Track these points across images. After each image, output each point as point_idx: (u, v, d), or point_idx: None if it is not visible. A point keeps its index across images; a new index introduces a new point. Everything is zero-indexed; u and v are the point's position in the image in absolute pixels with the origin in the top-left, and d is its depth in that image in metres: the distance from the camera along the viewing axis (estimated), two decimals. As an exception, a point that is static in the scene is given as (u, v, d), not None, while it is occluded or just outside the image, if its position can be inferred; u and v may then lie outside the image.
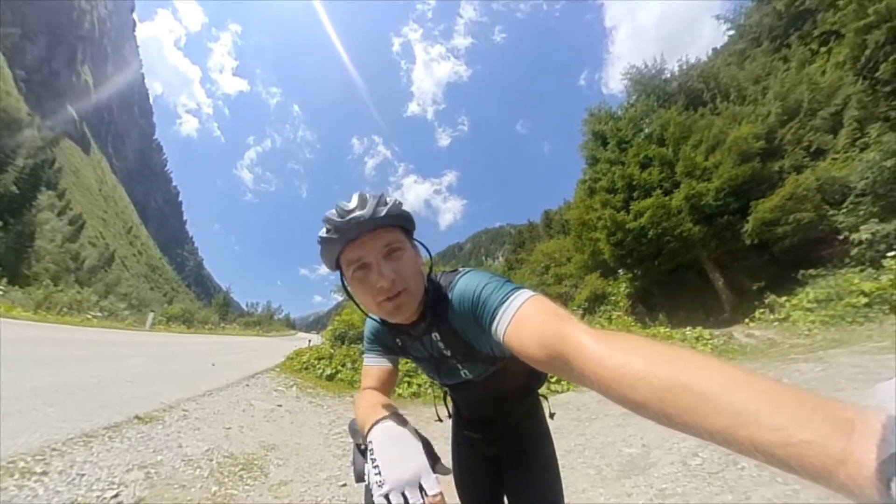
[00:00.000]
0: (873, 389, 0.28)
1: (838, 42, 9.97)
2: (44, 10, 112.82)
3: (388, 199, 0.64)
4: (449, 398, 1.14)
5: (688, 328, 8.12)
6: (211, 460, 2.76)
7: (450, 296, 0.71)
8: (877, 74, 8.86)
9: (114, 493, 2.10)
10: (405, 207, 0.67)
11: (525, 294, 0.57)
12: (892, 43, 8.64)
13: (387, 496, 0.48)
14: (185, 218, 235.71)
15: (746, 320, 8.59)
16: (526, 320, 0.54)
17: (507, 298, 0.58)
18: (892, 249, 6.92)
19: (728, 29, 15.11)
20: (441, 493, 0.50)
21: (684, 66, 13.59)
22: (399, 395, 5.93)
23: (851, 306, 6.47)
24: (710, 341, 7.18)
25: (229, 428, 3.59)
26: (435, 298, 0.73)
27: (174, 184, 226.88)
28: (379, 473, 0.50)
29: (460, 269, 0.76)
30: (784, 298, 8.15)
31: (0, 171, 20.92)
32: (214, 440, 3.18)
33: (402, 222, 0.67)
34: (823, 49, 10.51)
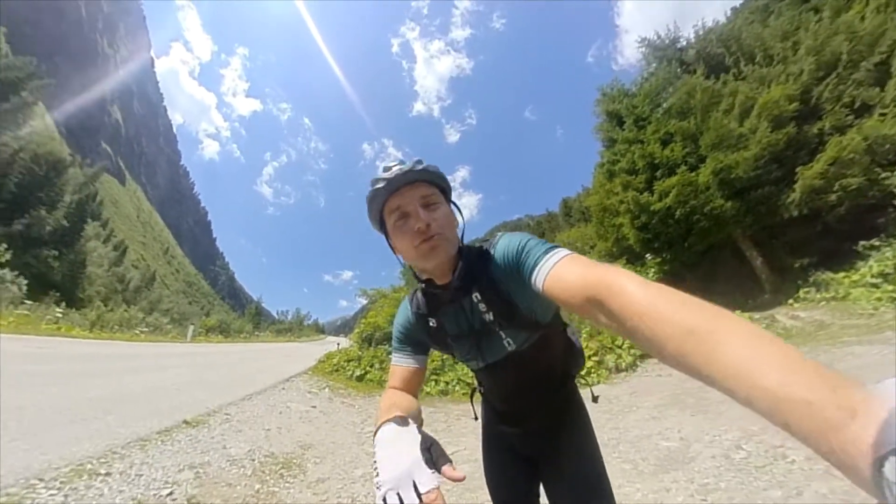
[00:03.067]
0: (880, 384, 0.27)
1: (879, -18, 8.98)
2: (74, 59, 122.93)
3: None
4: (477, 395, 1.09)
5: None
6: (253, 460, 2.90)
7: (492, 251, 0.74)
8: (929, 14, 7.92)
9: (168, 491, 2.25)
10: None
11: (567, 251, 0.62)
12: (945, -24, 7.68)
13: (384, 498, 0.45)
14: (214, 236, 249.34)
15: (790, 301, 7.95)
16: (568, 267, 0.58)
17: (552, 251, 0.63)
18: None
19: (747, -14, 14.01)
20: (437, 490, 0.46)
21: (701, 32, 12.71)
22: (427, 392, 5.98)
23: (913, 280, 5.84)
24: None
25: (268, 429, 3.77)
26: (476, 258, 0.76)
27: (202, 205, 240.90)
28: (378, 475, 0.48)
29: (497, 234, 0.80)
30: (843, 274, 7.39)
31: (52, 207, 23.02)
32: (255, 441, 3.35)
33: (438, 181, 0.75)
34: (861, -7, 9.50)
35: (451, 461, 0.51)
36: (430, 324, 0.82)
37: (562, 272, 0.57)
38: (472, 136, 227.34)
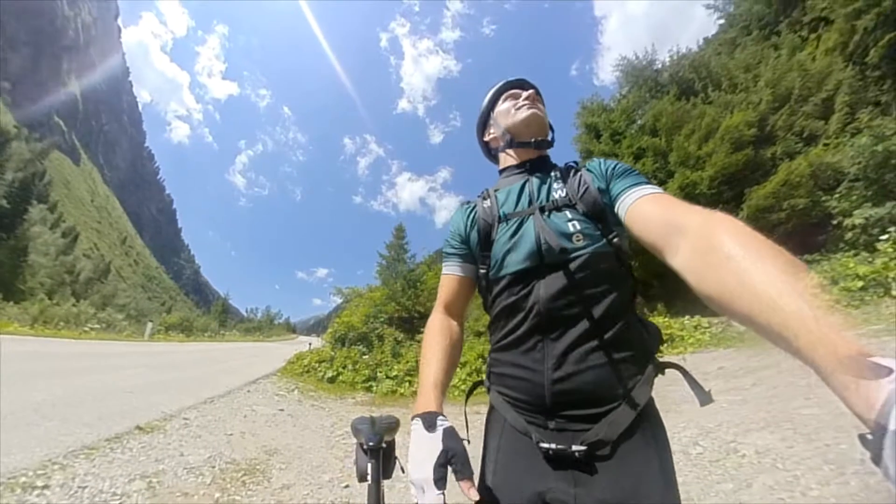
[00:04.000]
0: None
1: (827, 28, 10.02)
2: (26, 19, 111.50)
3: None
4: (479, 398, 0.79)
5: (686, 317, 8.17)
6: (213, 467, 2.75)
7: (592, 159, 0.78)
8: (866, 59, 8.92)
9: (117, 502, 2.09)
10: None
11: (660, 189, 0.63)
12: (880, 28, 8.69)
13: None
14: (179, 226, 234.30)
15: (744, 308, 8.61)
16: (657, 199, 0.59)
17: (646, 183, 0.64)
18: (885, 233, 6.99)
19: (718, 18, 15.17)
20: None
21: (675, 57, 13.62)
22: (414, 392, 5.93)
23: (847, 290, 6.53)
24: (709, 329, 7.23)
25: (231, 434, 3.58)
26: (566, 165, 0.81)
27: (167, 192, 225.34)
28: (409, 468, 0.54)
29: None
30: (787, 285, 8.17)
31: (-10, 185, 20.72)
32: (216, 447, 3.17)
33: (543, 101, 0.86)
34: (813, 36, 10.56)
35: (471, 475, 0.52)
36: (485, 205, 0.76)
37: (649, 202, 0.58)
38: (456, 137, 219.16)
